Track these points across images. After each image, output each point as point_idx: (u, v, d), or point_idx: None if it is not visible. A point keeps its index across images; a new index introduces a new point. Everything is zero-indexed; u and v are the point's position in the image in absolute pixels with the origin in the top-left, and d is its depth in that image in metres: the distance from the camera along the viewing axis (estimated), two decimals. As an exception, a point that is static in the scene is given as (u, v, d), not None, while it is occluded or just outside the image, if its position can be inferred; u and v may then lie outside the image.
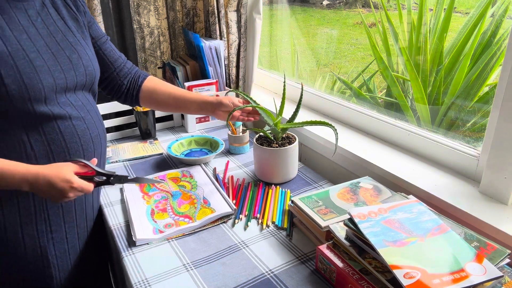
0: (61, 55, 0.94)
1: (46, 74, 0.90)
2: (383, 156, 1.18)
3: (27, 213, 0.95)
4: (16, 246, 0.95)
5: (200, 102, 1.19)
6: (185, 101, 1.20)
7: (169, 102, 1.20)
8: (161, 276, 0.90)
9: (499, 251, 0.77)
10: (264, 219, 1.07)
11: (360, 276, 0.78)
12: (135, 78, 1.19)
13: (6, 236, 0.94)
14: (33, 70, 0.87)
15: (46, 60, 0.91)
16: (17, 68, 0.85)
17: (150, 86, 1.20)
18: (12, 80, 0.84)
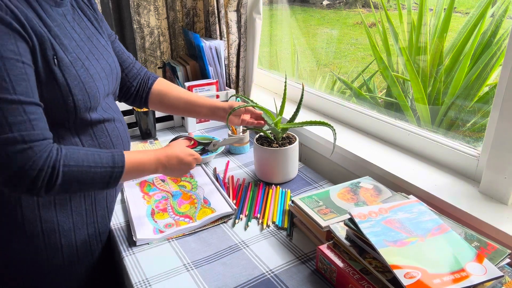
0: (102, 60, 0.94)
1: (99, 81, 0.91)
2: (383, 156, 1.18)
3: (79, 217, 0.96)
4: (71, 253, 0.96)
5: (211, 107, 1.19)
6: (196, 105, 1.19)
7: (179, 105, 1.19)
8: (161, 276, 0.90)
9: (500, 251, 0.77)
10: (264, 219, 1.07)
11: (361, 276, 0.78)
12: (144, 80, 1.17)
13: (61, 242, 0.94)
14: (91, 79, 0.88)
15: (95, 66, 0.91)
16: (79, 77, 0.85)
17: (160, 89, 1.18)
18: (78, 90, 0.84)
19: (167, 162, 0.96)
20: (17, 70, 0.74)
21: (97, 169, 0.83)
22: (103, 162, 0.84)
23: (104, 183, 0.86)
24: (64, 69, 0.82)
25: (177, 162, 0.98)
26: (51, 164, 0.77)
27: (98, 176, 0.84)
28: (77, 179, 0.81)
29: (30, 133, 0.75)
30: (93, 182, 0.84)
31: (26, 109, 0.75)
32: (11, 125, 0.73)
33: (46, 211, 0.91)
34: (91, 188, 0.85)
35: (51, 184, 0.78)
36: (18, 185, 0.75)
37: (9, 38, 0.73)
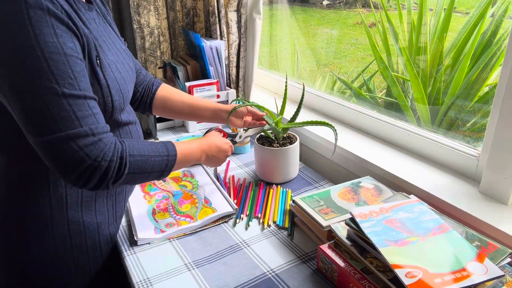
0: (126, 64, 0.96)
1: (129, 83, 0.94)
2: (383, 156, 1.18)
3: (102, 217, 0.98)
4: (95, 253, 0.98)
5: (214, 110, 1.21)
6: (200, 109, 1.21)
7: (183, 109, 1.21)
8: (162, 275, 0.90)
9: (500, 251, 0.77)
10: (265, 218, 1.07)
11: (362, 275, 0.78)
12: (149, 85, 1.19)
13: (86, 243, 0.96)
14: (123, 81, 0.90)
15: (125, 69, 0.94)
16: (116, 79, 0.87)
17: (164, 94, 1.20)
18: (115, 91, 0.87)
19: (209, 151, 1.04)
20: (78, 66, 0.76)
21: (156, 158, 0.88)
22: (159, 151, 0.89)
23: (161, 172, 0.90)
24: (105, 70, 0.84)
25: (216, 150, 1.06)
26: (119, 155, 0.80)
27: (157, 164, 0.88)
28: (141, 168, 0.85)
29: (97, 126, 0.77)
30: (152, 170, 0.87)
31: (90, 103, 0.77)
32: (80, 119, 0.75)
33: (73, 212, 0.92)
34: (149, 178, 0.89)
35: (120, 174, 0.81)
36: (91, 178, 0.77)
37: (68, 36, 0.75)
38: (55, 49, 0.72)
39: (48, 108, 0.72)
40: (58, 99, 0.72)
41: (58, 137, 0.73)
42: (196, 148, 1.01)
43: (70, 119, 0.73)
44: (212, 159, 1.06)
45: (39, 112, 0.72)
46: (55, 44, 0.72)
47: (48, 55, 0.71)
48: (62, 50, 0.73)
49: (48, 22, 0.71)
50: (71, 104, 0.74)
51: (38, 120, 0.72)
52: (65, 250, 0.93)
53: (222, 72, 1.66)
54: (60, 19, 0.73)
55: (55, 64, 0.72)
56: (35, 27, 0.70)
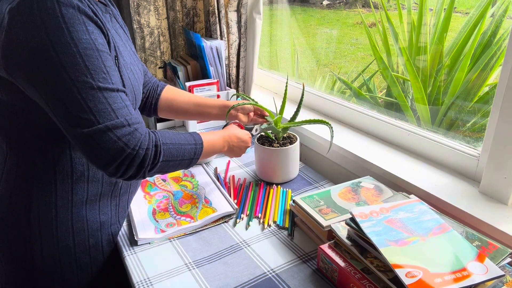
0: (136, 65, 0.98)
1: (140, 86, 0.96)
2: (383, 156, 1.18)
3: (105, 217, 0.99)
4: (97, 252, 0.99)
5: (220, 106, 1.22)
6: (206, 107, 1.22)
7: (189, 109, 1.22)
8: (163, 275, 0.90)
9: (501, 250, 0.77)
10: (265, 218, 1.07)
11: (362, 275, 0.78)
12: (154, 87, 1.20)
13: (89, 242, 0.96)
14: (136, 82, 0.93)
15: (137, 71, 0.96)
16: (130, 80, 0.89)
17: (169, 95, 1.21)
18: (129, 91, 0.89)
19: (231, 141, 1.08)
20: (109, 61, 0.79)
21: (186, 146, 0.91)
22: (187, 140, 0.93)
23: (190, 160, 0.93)
24: (122, 70, 0.86)
25: (237, 140, 1.10)
26: (154, 143, 0.84)
27: (187, 152, 0.91)
28: (173, 156, 0.88)
29: (131, 117, 0.80)
30: (183, 158, 0.91)
31: (122, 96, 0.80)
32: (116, 111, 0.77)
33: (77, 211, 0.93)
34: (180, 165, 0.92)
35: (156, 162, 0.84)
36: (130, 166, 0.80)
37: (98, 32, 0.78)
38: (88, 45, 0.74)
39: (86, 102, 0.74)
40: (94, 92, 0.75)
41: (98, 128, 0.75)
42: (219, 138, 1.04)
43: (107, 111, 0.76)
44: (233, 149, 1.10)
45: (78, 106, 0.74)
46: (88, 41, 0.75)
47: (82, 51, 0.74)
48: (95, 46, 0.76)
49: (80, 20, 0.74)
50: (106, 97, 0.76)
51: (77, 114, 0.74)
52: (67, 248, 0.94)
53: (222, 72, 1.66)
54: (89, 16, 0.76)
55: (89, 59, 0.74)
56: (69, 24, 0.72)
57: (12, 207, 0.90)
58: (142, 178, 0.84)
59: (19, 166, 0.88)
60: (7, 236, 0.91)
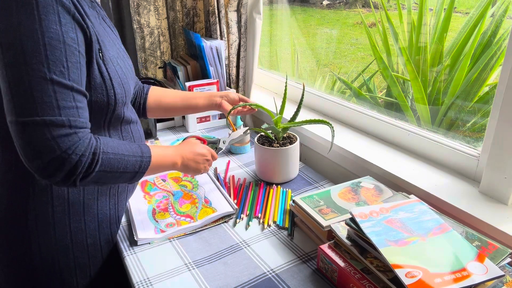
0: (125, 60, 0.98)
1: (130, 79, 0.95)
2: (383, 156, 1.18)
3: (103, 216, 0.99)
4: (96, 253, 0.99)
5: (207, 96, 1.23)
6: (193, 98, 1.23)
7: (177, 103, 1.22)
8: (162, 275, 0.90)
9: (501, 250, 0.77)
10: (265, 218, 1.07)
11: (362, 275, 0.78)
12: (140, 87, 1.20)
13: (87, 242, 0.96)
14: (124, 75, 0.92)
15: (127, 66, 0.96)
16: (117, 72, 0.89)
17: (156, 93, 1.21)
18: (117, 84, 0.88)
19: (185, 156, 1.01)
20: (74, 58, 0.76)
21: (130, 158, 0.86)
22: (133, 151, 0.87)
23: (134, 173, 0.88)
24: (107, 63, 0.86)
25: (192, 157, 1.02)
26: (92, 150, 0.79)
27: (130, 164, 0.86)
28: (113, 167, 0.83)
29: (77, 120, 0.77)
30: (125, 170, 0.85)
31: (76, 96, 0.77)
32: (61, 108, 0.74)
33: (75, 210, 0.93)
34: (120, 178, 0.86)
35: (90, 171, 0.79)
36: (58, 170, 0.75)
37: (71, 26, 0.76)
38: (56, 36, 0.73)
39: (32, 90, 0.72)
40: (44, 83, 0.73)
41: (34, 120, 0.72)
42: (172, 153, 0.98)
43: (50, 106, 0.73)
44: (189, 165, 1.02)
45: (23, 92, 0.72)
46: (57, 32, 0.73)
47: (47, 40, 0.72)
48: (62, 38, 0.74)
49: (54, 9, 0.73)
50: (56, 92, 0.74)
51: (19, 100, 0.72)
52: (65, 248, 0.93)
53: (222, 72, 1.66)
54: (67, 8, 0.75)
55: (52, 50, 0.73)
56: (41, 12, 0.72)
57: (10, 207, 0.90)
58: (72, 186, 0.79)
59: (15, 165, 0.88)
60: (6, 237, 0.91)
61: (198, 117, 1.64)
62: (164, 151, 0.97)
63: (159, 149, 0.95)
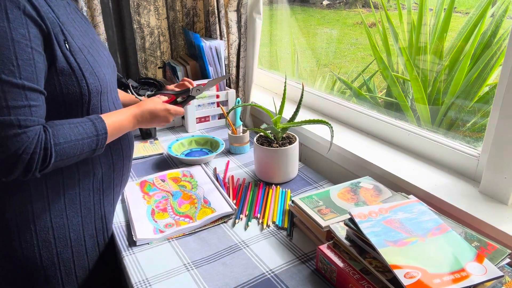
0: (101, 51, 0.97)
1: (104, 68, 0.94)
2: (383, 156, 1.18)
3: (87, 212, 0.98)
4: (79, 247, 0.98)
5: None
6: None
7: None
8: (161, 276, 0.90)
9: (500, 251, 0.77)
10: (264, 219, 1.07)
11: (361, 276, 0.78)
12: None
13: (70, 237, 0.96)
14: (97, 64, 0.91)
15: (101, 55, 0.95)
16: (88, 62, 0.88)
17: None
18: (89, 73, 0.87)
19: (141, 117, 1.00)
20: (26, 55, 0.75)
21: (84, 141, 0.85)
22: (87, 132, 0.86)
23: (92, 151, 0.88)
24: (75, 53, 0.85)
25: (150, 117, 1.01)
26: (43, 146, 0.78)
27: (86, 146, 0.85)
28: (68, 154, 0.83)
29: (27, 119, 0.76)
30: (82, 153, 0.86)
31: (28, 95, 0.76)
32: (10, 108, 0.74)
33: (56, 205, 0.92)
34: (80, 158, 0.87)
35: (46, 165, 0.79)
36: (12, 169, 0.75)
37: (21, 22, 0.74)
38: (3, 33, 0.72)
39: None
40: None
41: None
42: (129, 117, 0.97)
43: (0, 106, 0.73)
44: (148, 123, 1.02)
45: None
46: (4, 29, 0.72)
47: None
48: (10, 36, 0.73)
49: (1, 5, 0.72)
50: (5, 91, 0.73)
51: None
52: (47, 243, 0.92)
53: (222, 72, 1.66)
54: (15, 3, 0.74)
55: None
56: None
57: None
58: (34, 177, 0.80)
59: None
60: None
61: (198, 117, 1.64)
62: (121, 119, 0.94)
63: (115, 118, 0.93)
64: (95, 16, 1.58)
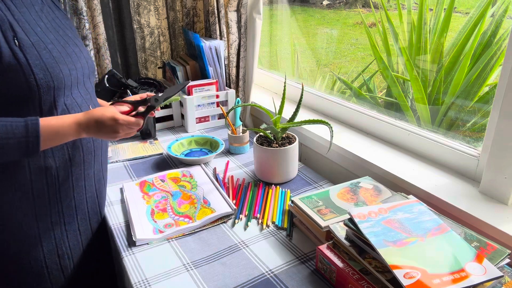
0: (68, 48, 0.98)
1: (63, 64, 0.93)
2: (383, 156, 1.18)
3: (42, 204, 0.97)
4: (33, 240, 0.98)
5: None
6: None
7: None
8: (161, 276, 0.90)
9: (499, 251, 0.77)
10: (264, 219, 1.07)
11: (360, 276, 0.78)
12: None
13: (24, 231, 0.96)
14: (53, 60, 0.91)
15: (61, 52, 0.94)
16: (41, 57, 0.88)
17: None
18: (39, 69, 0.87)
19: (86, 125, 0.91)
20: None
21: (10, 140, 0.82)
22: (15, 133, 0.83)
23: (22, 153, 0.85)
24: (25, 49, 0.85)
25: (96, 125, 0.92)
26: None
27: (11, 147, 0.82)
28: None
29: None
30: (7, 152, 0.83)
31: None
32: None
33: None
34: (6, 158, 0.84)
35: None
36: None
37: None
38: None
39: None
40: None
41: None
42: (70, 122, 0.90)
43: None
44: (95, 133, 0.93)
45: None
46: None
47: None
48: None
49: None
50: None
51: None
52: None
53: (221, 72, 1.66)
54: None
55: None
56: None
57: None
58: None
59: None
60: None
61: (197, 117, 1.64)
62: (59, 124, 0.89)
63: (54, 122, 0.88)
64: (95, 16, 1.58)
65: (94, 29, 1.61)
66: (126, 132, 0.96)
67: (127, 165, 1.38)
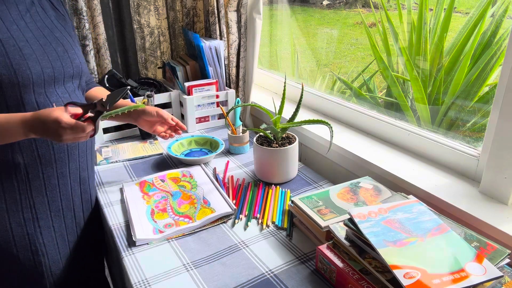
0: (48, 47, 0.98)
1: (34, 62, 0.94)
2: (383, 156, 1.18)
3: (12, 200, 0.99)
4: (4, 234, 1.00)
5: None
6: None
7: None
8: (161, 276, 0.90)
9: (499, 251, 0.77)
10: (264, 219, 1.07)
11: (360, 276, 0.78)
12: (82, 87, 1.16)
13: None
14: (22, 57, 0.92)
15: (35, 50, 0.95)
16: (7, 54, 0.90)
17: (92, 93, 1.22)
18: (2, 65, 0.89)
19: (31, 125, 0.88)
20: None
21: None
22: None
23: None
24: None
25: (41, 126, 0.88)
26: None
27: None
28: None
29: None
30: None
31: None
32: None
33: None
34: None
35: None
36: None
37: None
38: None
39: None
40: None
41: None
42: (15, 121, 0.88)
43: None
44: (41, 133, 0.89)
45: None
46: None
47: None
48: None
49: None
50: None
51: None
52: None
53: (221, 72, 1.66)
54: None
55: None
56: None
57: None
58: None
59: None
60: None
61: (197, 117, 1.64)
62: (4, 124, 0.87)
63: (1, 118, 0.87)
64: (95, 16, 1.58)
65: (94, 29, 1.61)
66: (72, 136, 0.89)
67: (127, 165, 1.38)
